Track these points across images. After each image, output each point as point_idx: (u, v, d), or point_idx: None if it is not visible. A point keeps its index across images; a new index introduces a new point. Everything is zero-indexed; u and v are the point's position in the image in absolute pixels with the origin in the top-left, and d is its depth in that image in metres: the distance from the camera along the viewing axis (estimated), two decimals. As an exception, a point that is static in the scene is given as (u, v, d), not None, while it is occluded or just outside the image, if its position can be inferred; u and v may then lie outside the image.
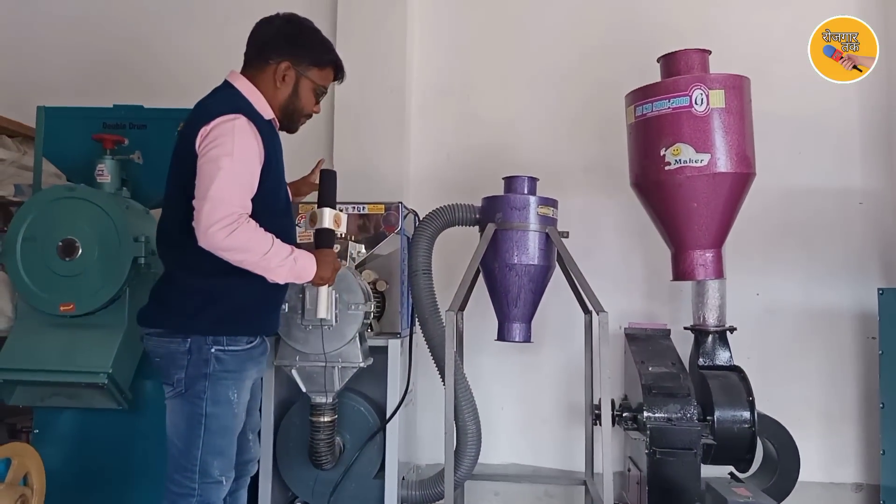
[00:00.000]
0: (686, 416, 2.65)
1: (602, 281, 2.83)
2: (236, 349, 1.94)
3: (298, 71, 2.02)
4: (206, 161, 1.81)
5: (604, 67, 3.51)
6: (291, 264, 1.89)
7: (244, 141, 1.84)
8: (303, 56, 2.02)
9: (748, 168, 2.69)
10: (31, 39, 3.92)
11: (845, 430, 3.27)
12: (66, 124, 2.74)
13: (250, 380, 2.05)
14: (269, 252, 1.83)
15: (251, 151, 1.86)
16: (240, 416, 2.01)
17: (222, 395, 1.93)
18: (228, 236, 1.75)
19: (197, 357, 1.90)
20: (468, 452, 2.73)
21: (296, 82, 2.02)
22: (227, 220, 1.75)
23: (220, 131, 1.82)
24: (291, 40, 2.01)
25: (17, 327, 2.51)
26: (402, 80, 3.55)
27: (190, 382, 1.90)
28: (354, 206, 2.89)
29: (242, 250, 1.80)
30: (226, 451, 1.97)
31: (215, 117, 1.85)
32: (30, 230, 2.44)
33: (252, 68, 2.02)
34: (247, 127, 1.86)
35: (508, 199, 2.73)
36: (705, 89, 2.63)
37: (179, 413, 1.93)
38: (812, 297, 3.34)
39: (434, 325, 2.77)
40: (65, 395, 2.49)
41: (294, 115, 2.07)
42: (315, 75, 2.05)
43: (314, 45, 2.05)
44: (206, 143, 1.82)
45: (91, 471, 2.61)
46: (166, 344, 1.93)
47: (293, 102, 2.03)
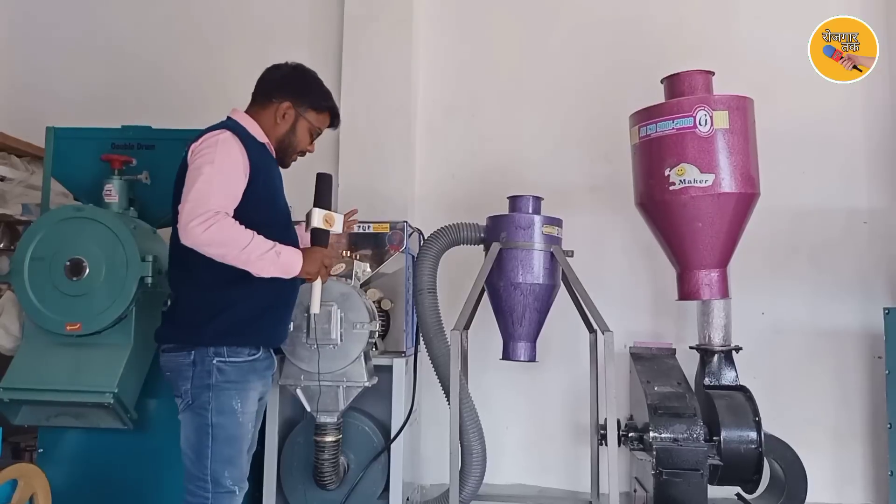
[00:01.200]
0: (692, 437, 2.64)
1: (607, 300, 2.84)
2: (237, 360, 2.02)
3: (298, 111, 2.18)
4: (191, 171, 1.96)
5: (609, 87, 3.53)
6: (273, 258, 1.95)
7: (226, 150, 1.97)
8: (304, 99, 2.19)
9: (752, 188, 2.69)
10: (40, 60, 3.98)
11: (853, 450, 3.25)
12: (74, 145, 2.77)
13: (255, 391, 2.09)
14: (248, 246, 1.90)
15: (233, 160, 1.98)
16: (246, 425, 2.06)
17: (226, 404, 2.00)
18: (206, 231, 1.85)
19: (201, 368, 1.99)
20: (473, 472, 2.72)
21: (294, 120, 2.18)
22: (204, 216, 1.86)
23: (206, 144, 1.98)
24: (295, 84, 2.20)
25: (24, 347, 2.51)
26: (408, 99, 3.59)
27: (196, 393, 1.99)
28: (359, 224, 2.90)
29: (220, 244, 1.89)
30: (235, 460, 2.03)
31: (204, 135, 2.02)
32: (38, 250, 2.46)
33: (255, 106, 2.19)
34: (230, 139, 1.99)
35: (513, 218, 2.74)
36: (709, 110, 2.64)
37: (189, 425, 2.02)
38: (818, 317, 3.33)
39: (439, 344, 2.77)
40: (70, 415, 2.49)
41: (288, 149, 2.22)
42: (312, 117, 2.22)
43: (315, 91, 2.23)
44: (194, 156, 1.98)
45: (95, 491, 2.60)
46: (174, 358, 2.03)
47: (289, 137, 2.19)
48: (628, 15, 3.59)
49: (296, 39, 3.79)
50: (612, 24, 3.61)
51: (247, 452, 2.15)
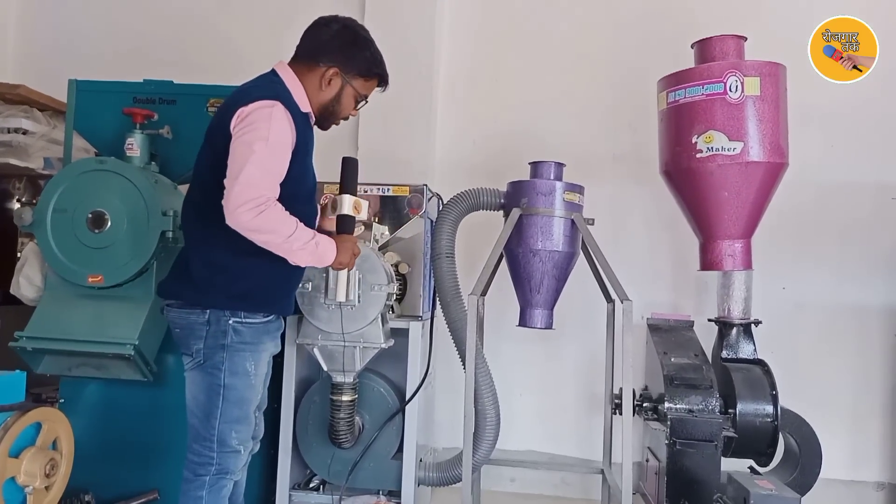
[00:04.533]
0: (708, 408, 2.63)
1: (626, 271, 2.80)
2: (253, 322, 1.99)
3: (345, 78, 2.06)
4: (241, 143, 1.85)
5: (636, 54, 3.46)
6: (313, 248, 1.93)
7: (279, 128, 1.87)
8: (352, 65, 2.06)
9: (781, 158, 2.64)
10: (62, 14, 3.97)
11: (870, 428, 3.23)
12: (96, 98, 2.76)
13: (267, 352, 2.09)
14: (292, 235, 1.87)
15: (285, 139, 1.90)
16: (257, 387, 2.05)
17: (240, 366, 1.98)
18: (255, 218, 1.80)
19: (215, 328, 1.95)
20: (486, 437, 2.73)
21: (340, 88, 2.07)
22: (255, 202, 1.80)
23: (258, 116, 1.86)
24: (345, 49, 2.06)
25: (47, 297, 2.54)
26: (431, 65, 3.54)
27: (209, 353, 1.96)
28: (379, 187, 2.88)
29: (267, 232, 1.85)
30: (243, 421, 2.02)
31: (255, 100, 1.88)
32: (60, 202, 2.47)
33: (301, 64, 2.06)
34: (283, 115, 1.89)
35: (534, 184, 2.70)
36: (740, 76, 2.58)
37: (199, 384, 1.99)
38: (840, 293, 3.28)
39: (456, 309, 2.76)
40: (92, 366, 2.52)
41: (332, 116, 2.12)
42: (359, 84, 2.10)
43: (365, 56, 2.09)
44: (243, 125, 1.86)
45: (114, 441, 2.65)
46: (186, 315, 1.99)
47: (333, 106, 2.09)
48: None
49: (318, 1, 3.73)
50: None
51: (257, 410, 2.15)
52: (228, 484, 2.02)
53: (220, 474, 1.98)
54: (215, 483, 1.98)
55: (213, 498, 1.98)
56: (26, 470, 2.07)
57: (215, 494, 1.98)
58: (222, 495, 2.01)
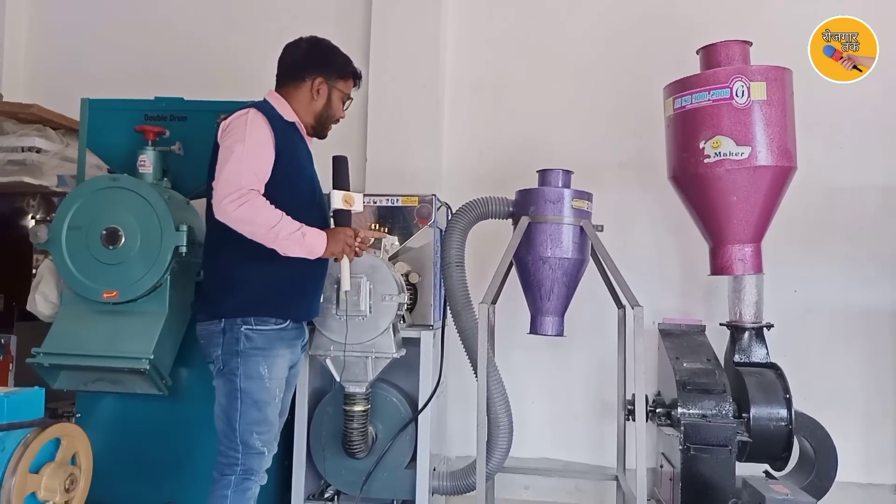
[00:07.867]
0: (721, 413, 2.62)
1: (636, 277, 2.80)
2: (264, 328, 2.12)
3: (329, 84, 2.27)
4: (223, 149, 2.06)
5: (639, 62, 3.47)
6: (299, 238, 2.04)
7: (254, 129, 2.05)
8: (332, 71, 2.28)
9: (789, 161, 2.64)
10: (72, 35, 4.03)
11: (885, 430, 3.21)
12: (108, 116, 2.80)
13: (282, 358, 2.17)
14: (276, 225, 1.99)
15: (261, 138, 2.06)
16: (273, 391, 2.14)
17: (253, 370, 2.10)
18: (238, 208, 1.95)
19: (230, 336, 2.10)
20: (500, 445, 2.73)
21: (329, 94, 2.27)
22: (236, 193, 1.96)
23: (236, 123, 2.07)
24: (321, 59, 2.28)
25: (63, 313, 2.58)
26: (436, 74, 3.56)
27: (226, 360, 2.10)
28: (388, 197, 2.90)
29: (250, 222, 1.98)
30: (263, 423, 2.12)
31: (234, 113, 2.11)
32: (75, 219, 2.51)
33: (286, 86, 2.26)
34: (258, 118, 2.08)
35: (543, 191, 2.72)
36: (746, 81, 2.59)
37: (221, 390, 2.13)
38: (851, 296, 3.27)
39: (467, 317, 2.77)
40: (108, 381, 2.55)
41: (327, 122, 2.32)
42: (342, 86, 2.31)
43: (338, 60, 2.31)
44: (224, 135, 2.08)
45: (130, 455, 2.68)
46: (206, 326, 2.16)
47: (327, 111, 2.29)
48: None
49: (323, 14, 3.78)
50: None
51: (278, 417, 2.21)
52: (254, 487, 2.13)
53: (245, 475, 2.10)
54: (240, 483, 2.09)
55: (238, 498, 2.08)
56: (46, 485, 2.08)
57: (240, 495, 2.09)
58: (247, 496, 2.11)
